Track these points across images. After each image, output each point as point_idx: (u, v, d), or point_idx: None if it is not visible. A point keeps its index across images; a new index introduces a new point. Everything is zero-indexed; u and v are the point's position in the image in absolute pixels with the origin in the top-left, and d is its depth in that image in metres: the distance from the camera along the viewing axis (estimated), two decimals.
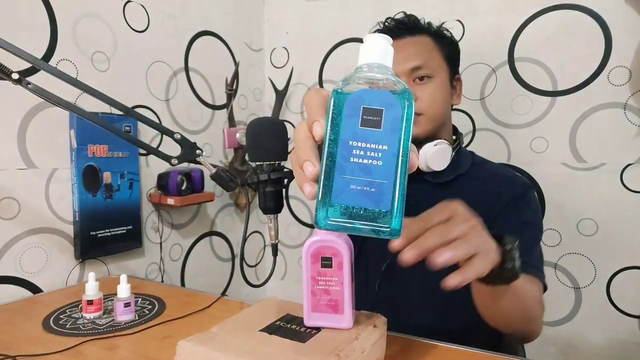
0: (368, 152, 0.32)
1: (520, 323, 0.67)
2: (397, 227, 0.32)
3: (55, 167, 0.97)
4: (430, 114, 0.83)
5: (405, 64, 0.83)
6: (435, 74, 0.84)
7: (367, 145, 0.32)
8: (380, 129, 0.33)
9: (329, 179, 0.33)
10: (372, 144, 0.32)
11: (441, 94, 0.85)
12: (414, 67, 0.83)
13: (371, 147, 0.32)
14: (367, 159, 0.32)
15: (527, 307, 0.64)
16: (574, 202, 1.16)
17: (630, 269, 1.11)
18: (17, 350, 0.64)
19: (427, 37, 0.87)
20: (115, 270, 1.10)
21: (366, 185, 0.32)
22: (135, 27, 1.16)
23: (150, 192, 1.19)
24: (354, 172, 0.32)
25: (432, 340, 0.66)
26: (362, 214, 0.32)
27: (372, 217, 0.32)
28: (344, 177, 0.32)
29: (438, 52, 0.86)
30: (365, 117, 0.33)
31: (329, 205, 0.32)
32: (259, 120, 0.66)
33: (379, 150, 0.32)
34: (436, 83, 0.84)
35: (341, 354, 0.46)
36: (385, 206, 0.32)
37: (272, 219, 0.68)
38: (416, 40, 0.86)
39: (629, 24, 1.07)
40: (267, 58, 1.65)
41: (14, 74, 0.66)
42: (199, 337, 0.50)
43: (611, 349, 1.14)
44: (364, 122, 0.33)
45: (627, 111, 1.09)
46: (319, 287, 0.52)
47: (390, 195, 0.32)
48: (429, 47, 0.86)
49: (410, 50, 0.84)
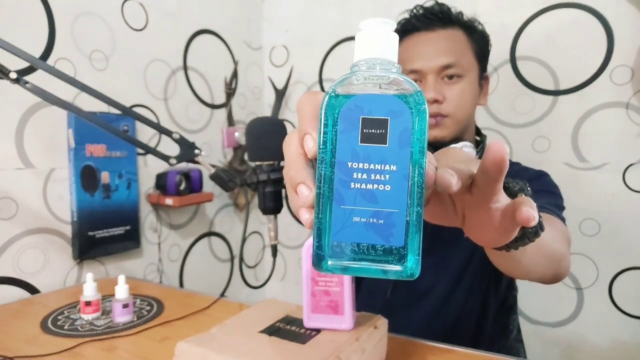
0: (372, 174, 0.26)
1: (548, 267, 0.57)
2: (413, 265, 0.26)
3: (53, 166, 0.97)
4: (458, 116, 0.77)
5: (436, 60, 0.76)
6: (466, 74, 0.78)
7: (371, 166, 0.26)
8: (385, 145, 0.26)
9: (326, 211, 0.26)
10: (377, 165, 0.26)
11: (470, 94, 0.79)
12: (445, 65, 0.76)
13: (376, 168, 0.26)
14: (371, 184, 0.26)
15: (553, 250, 0.56)
16: (576, 202, 1.15)
17: (633, 270, 1.10)
18: (15, 351, 0.63)
19: (459, 30, 0.80)
20: (114, 271, 1.09)
21: (372, 216, 0.26)
22: (133, 26, 1.15)
23: (149, 192, 1.19)
24: (356, 201, 0.26)
25: (433, 342, 0.65)
26: (370, 253, 0.26)
27: (382, 255, 0.26)
28: (344, 208, 0.26)
29: (470, 48, 0.80)
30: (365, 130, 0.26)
31: (327, 243, 0.26)
32: (258, 120, 0.66)
33: (385, 172, 0.26)
34: (466, 83, 0.78)
35: (341, 355, 0.46)
36: (397, 241, 0.26)
37: (271, 219, 0.68)
38: (448, 33, 0.79)
39: (632, 23, 1.06)
40: (266, 57, 1.65)
41: (12, 73, 0.66)
42: (198, 338, 0.50)
43: (613, 350, 1.13)
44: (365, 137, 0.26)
45: (629, 110, 1.08)
46: (319, 288, 0.52)
47: (402, 227, 0.26)
48: (462, 43, 0.79)
49: (441, 45, 0.78)
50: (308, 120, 0.29)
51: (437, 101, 0.76)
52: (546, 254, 0.53)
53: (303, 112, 0.30)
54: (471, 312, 0.82)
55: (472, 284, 0.82)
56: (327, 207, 0.26)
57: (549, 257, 0.54)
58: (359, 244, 0.26)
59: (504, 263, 0.51)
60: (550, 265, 0.56)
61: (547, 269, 0.56)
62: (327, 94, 0.27)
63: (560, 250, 0.57)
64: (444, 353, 0.63)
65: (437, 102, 0.76)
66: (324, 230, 0.26)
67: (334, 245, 0.26)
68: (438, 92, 0.76)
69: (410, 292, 0.85)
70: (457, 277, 0.82)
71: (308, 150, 0.28)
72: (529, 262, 0.49)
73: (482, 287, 0.82)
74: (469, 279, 0.82)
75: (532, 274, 0.55)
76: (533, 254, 0.48)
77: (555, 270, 0.58)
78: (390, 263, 0.26)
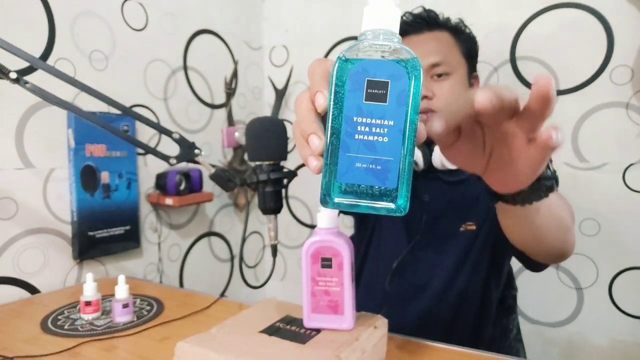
0: (373, 128, 0.31)
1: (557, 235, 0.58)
2: (403, 204, 0.31)
3: (53, 166, 0.97)
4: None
5: (424, 60, 0.81)
6: (454, 71, 0.83)
7: (372, 121, 0.31)
8: (385, 103, 0.31)
9: (333, 157, 0.31)
10: (378, 120, 0.31)
11: (459, 91, 0.83)
12: (433, 63, 0.81)
13: (376, 122, 0.31)
14: (372, 136, 0.31)
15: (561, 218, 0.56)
16: (576, 202, 1.15)
17: (633, 270, 1.10)
18: (15, 351, 0.63)
19: (446, 32, 0.85)
20: (114, 271, 1.09)
21: (372, 163, 0.31)
22: (133, 26, 1.15)
23: (149, 192, 1.19)
24: (359, 149, 0.31)
25: (432, 341, 0.65)
26: (368, 192, 0.32)
27: (378, 195, 0.32)
28: (349, 155, 0.31)
29: (457, 48, 0.85)
30: (369, 90, 0.31)
31: (334, 184, 0.32)
32: (258, 120, 0.66)
33: (384, 126, 0.31)
34: (455, 80, 0.82)
35: (341, 355, 0.46)
36: (391, 184, 0.31)
37: (271, 219, 0.68)
38: (435, 35, 0.85)
39: (632, 23, 1.06)
40: (266, 56, 1.65)
41: (12, 73, 0.66)
42: (198, 338, 0.50)
43: (613, 350, 1.13)
44: (369, 96, 0.31)
45: (629, 110, 1.08)
46: (319, 288, 0.52)
47: (396, 173, 0.31)
48: (449, 43, 0.84)
49: (429, 46, 0.83)
50: (319, 81, 0.33)
51: (427, 97, 0.80)
52: (556, 219, 0.54)
53: (314, 74, 0.34)
54: (469, 308, 0.83)
55: (469, 279, 0.82)
56: (334, 155, 0.31)
57: (559, 223, 0.55)
58: (359, 185, 0.31)
59: (517, 226, 0.53)
60: (559, 233, 0.57)
61: (556, 237, 0.57)
62: (338, 59, 0.31)
63: (567, 219, 0.58)
64: (444, 352, 0.63)
65: (427, 98, 0.80)
66: (331, 173, 0.32)
67: (339, 186, 0.32)
68: (428, 89, 0.80)
69: (407, 285, 0.86)
70: (454, 271, 0.83)
71: (319, 105, 0.32)
72: (540, 224, 0.51)
73: (480, 283, 0.83)
74: (465, 274, 0.82)
75: (543, 240, 0.56)
76: (545, 216, 0.50)
77: (562, 242, 0.59)
78: (384, 201, 0.31)
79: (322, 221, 0.52)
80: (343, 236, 0.52)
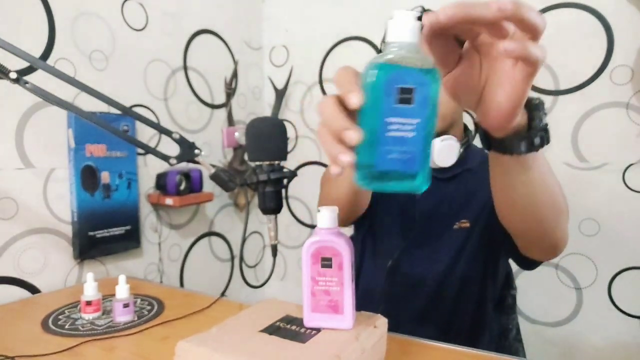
0: (402, 125, 0.37)
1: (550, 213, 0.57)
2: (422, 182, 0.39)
3: (53, 166, 0.97)
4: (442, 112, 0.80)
5: None
6: None
7: (402, 120, 0.37)
8: (412, 105, 0.37)
9: (369, 150, 0.37)
10: (406, 119, 0.37)
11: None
12: None
13: (405, 121, 0.37)
14: (401, 132, 0.37)
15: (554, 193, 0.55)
16: (576, 202, 1.15)
17: (632, 270, 1.11)
18: (16, 350, 0.63)
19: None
20: (114, 271, 1.09)
21: (400, 154, 0.38)
22: (133, 26, 1.15)
23: (149, 192, 1.19)
24: (391, 144, 0.37)
25: (433, 341, 0.65)
26: (396, 176, 0.38)
27: (403, 177, 0.39)
28: (383, 148, 0.37)
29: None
30: (400, 95, 0.37)
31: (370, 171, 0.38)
32: (258, 120, 0.66)
33: (411, 124, 0.37)
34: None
35: (341, 354, 0.46)
36: (415, 169, 0.38)
37: (271, 219, 0.68)
38: None
39: (632, 23, 1.06)
40: (266, 56, 1.65)
41: (12, 73, 0.66)
42: (198, 337, 0.50)
43: (613, 350, 1.14)
44: (399, 100, 0.37)
45: (629, 110, 1.08)
46: (319, 288, 0.52)
47: (420, 160, 0.38)
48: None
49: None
50: (348, 84, 0.37)
51: None
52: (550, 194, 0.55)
53: (343, 77, 0.38)
54: (466, 306, 0.83)
55: (465, 277, 0.83)
56: (371, 148, 0.37)
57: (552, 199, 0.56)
58: (391, 171, 0.38)
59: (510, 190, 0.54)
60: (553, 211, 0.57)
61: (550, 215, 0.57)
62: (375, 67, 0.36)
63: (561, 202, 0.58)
64: (443, 352, 0.63)
65: None
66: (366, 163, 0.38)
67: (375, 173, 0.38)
68: None
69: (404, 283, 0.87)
70: (449, 269, 0.83)
71: (353, 103, 0.36)
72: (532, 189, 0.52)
73: (476, 281, 0.83)
74: (460, 271, 0.83)
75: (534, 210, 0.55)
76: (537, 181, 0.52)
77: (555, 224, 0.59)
78: (408, 182, 0.39)
79: (322, 221, 0.52)
80: (343, 236, 0.52)
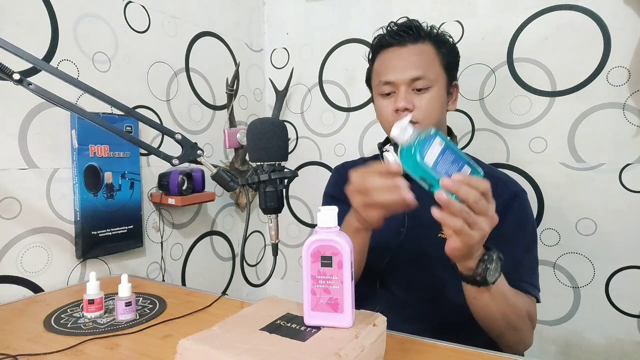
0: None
1: (501, 327, 0.73)
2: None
3: (57, 167, 0.98)
4: (425, 122, 0.85)
5: (406, 73, 0.84)
6: (434, 84, 0.85)
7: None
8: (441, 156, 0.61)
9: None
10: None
11: (437, 103, 0.86)
12: (414, 77, 0.84)
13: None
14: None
15: (508, 313, 0.71)
16: (573, 202, 1.16)
17: (629, 269, 1.11)
18: (19, 349, 0.64)
19: (429, 44, 0.87)
20: (117, 270, 1.10)
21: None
22: (136, 28, 1.16)
23: (151, 192, 1.20)
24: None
25: (432, 339, 0.66)
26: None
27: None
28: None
29: (438, 61, 0.87)
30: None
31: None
32: (259, 121, 0.66)
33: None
34: (433, 92, 0.85)
35: (341, 352, 0.46)
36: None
37: (272, 218, 0.69)
38: (418, 48, 0.87)
39: (628, 24, 1.07)
40: (267, 58, 1.66)
41: (15, 75, 0.67)
42: (200, 336, 0.51)
43: (610, 348, 1.14)
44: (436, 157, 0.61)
45: (625, 111, 1.09)
46: (319, 286, 0.53)
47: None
48: (430, 57, 0.86)
49: (411, 60, 0.85)
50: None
51: (408, 109, 0.84)
52: (504, 312, 0.71)
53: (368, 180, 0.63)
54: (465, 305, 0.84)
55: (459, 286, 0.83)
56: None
57: (506, 316, 0.72)
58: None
59: (468, 298, 0.72)
60: (506, 326, 0.73)
61: (503, 327, 0.73)
62: (410, 149, 0.60)
63: (515, 321, 0.74)
64: (443, 350, 0.64)
65: (408, 110, 0.84)
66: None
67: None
68: (408, 101, 0.84)
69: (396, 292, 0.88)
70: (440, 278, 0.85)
71: (410, 201, 0.61)
72: (484, 306, 0.71)
73: None
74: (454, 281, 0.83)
75: (491, 327, 0.75)
76: (486, 302, 0.70)
77: (512, 335, 0.76)
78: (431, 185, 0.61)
79: (322, 220, 0.53)
80: (343, 235, 0.53)
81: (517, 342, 0.77)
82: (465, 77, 1.25)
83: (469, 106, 1.27)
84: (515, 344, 0.77)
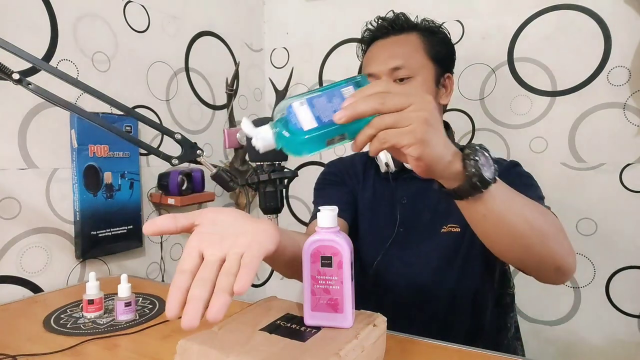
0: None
1: (529, 234, 0.56)
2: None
3: (56, 167, 0.97)
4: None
5: (387, 64, 0.83)
6: (416, 74, 0.83)
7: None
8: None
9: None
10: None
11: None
12: (394, 67, 0.82)
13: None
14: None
15: (527, 214, 0.56)
16: (573, 202, 1.16)
17: (629, 269, 1.11)
18: (18, 349, 0.64)
19: (414, 34, 0.86)
20: (116, 270, 1.10)
21: None
22: (135, 28, 1.16)
23: (151, 192, 1.20)
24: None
25: (432, 339, 0.66)
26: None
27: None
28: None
29: (423, 50, 0.85)
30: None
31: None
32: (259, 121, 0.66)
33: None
34: (417, 83, 0.82)
35: (341, 352, 0.46)
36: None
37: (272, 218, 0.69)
38: (400, 39, 0.86)
39: (629, 24, 1.07)
40: (267, 58, 1.66)
41: (15, 74, 0.67)
42: (199, 336, 0.51)
43: (610, 348, 1.14)
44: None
45: (626, 111, 1.09)
46: (319, 287, 0.53)
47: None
48: (413, 46, 0.85)
49: (391, 50, 0.85)
50: None
51: None
52: (521, 219, 0.54)
53: None
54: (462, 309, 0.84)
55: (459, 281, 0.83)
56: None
57: (524, 223, 0.55)
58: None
59: (475, 220, 0.56)
60: (531, 235, 0.56)
61: (529, 239, 0.56)
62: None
63: (542, 225, 0.57)
64: (443, 350, 0.63)
65: None
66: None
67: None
68: None
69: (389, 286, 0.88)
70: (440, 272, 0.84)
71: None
72: (497, 220, 0.54)
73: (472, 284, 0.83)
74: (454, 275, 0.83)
75: (511, 239, 0.56)
76: (500, 212, 0.53)
77: (542, 251, 0.58)
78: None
79: (322, 221, 0.53)
80: (343, 235, 0.53)
81: (553, 252, 0.59)
82: (465, 76, 1.25)
83: (469, 106, 1.27)
84: (552, 254, 0.59)
